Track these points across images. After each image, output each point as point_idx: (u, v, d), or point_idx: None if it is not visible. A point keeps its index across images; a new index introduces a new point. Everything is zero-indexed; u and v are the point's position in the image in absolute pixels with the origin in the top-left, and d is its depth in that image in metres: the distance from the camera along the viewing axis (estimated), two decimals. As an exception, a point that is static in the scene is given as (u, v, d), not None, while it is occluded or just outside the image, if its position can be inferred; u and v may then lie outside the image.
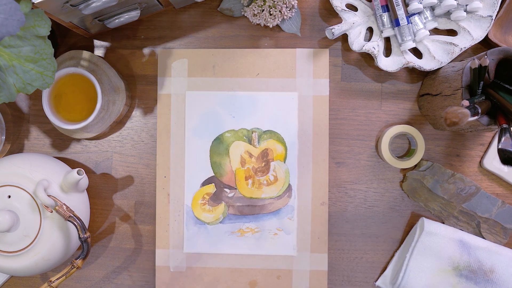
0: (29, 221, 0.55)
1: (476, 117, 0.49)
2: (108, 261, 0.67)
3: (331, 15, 0.66)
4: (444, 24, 0.62)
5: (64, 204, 0.55)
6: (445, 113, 0.47)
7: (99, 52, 0.67)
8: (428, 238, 0.61)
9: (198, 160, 0.65)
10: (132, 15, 0.60)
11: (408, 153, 0.65)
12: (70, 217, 0.54)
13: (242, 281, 0.65)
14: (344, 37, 0.65)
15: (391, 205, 0.65)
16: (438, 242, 0.61)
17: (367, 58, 0.65)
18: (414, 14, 0.61)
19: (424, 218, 0.63)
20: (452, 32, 0.63)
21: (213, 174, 0.65)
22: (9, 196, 0.55)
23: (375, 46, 0.62)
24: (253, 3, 0.63)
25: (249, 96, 0.65)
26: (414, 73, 0.65)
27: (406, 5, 0.60)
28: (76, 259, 0.55)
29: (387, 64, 0.62)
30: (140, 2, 0.58)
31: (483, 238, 0.63)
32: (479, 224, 0.62)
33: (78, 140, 0.67)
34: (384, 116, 0.66)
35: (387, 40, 0.64)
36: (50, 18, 0.49)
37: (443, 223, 0.64)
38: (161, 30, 0.67)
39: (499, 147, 0.49)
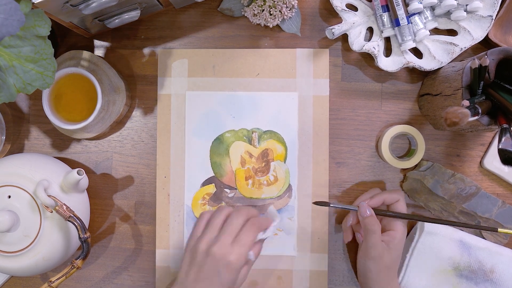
0: (29, 221, 0.55)
1: (476, 117, 0.49)
2: (108, 261, 0.67)
3: (331, 15, 0.66)
4: (444, 24, 0.62)
5: (64, 204, 0.54)
6: (445, 113, 0.47)
7: (99, 52, 0.67)
8: (428, 238, 0.61)
9: (198, 160, 0.65)
10: (132, 15, 0.60)
11: (408, 153, 0.65)
12: (70, 217, 0.54)
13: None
14: (344, 37, 0.65)
15: (391, 205, 0.65)
16: (438, 242, 0.61)
17: (367, 58, 0.65)
18: (414, 14, 0.61)
19: (424, 218, 0.63)
20: (452, 32, 0.63)
21: (213, 174, 0.65)
22: (9, 196, 0.55)
23: (375, 46, 0.62)
24: (253, 3, 0.63)
25: (249, 96, 0.65)
26: (414, 73, 0.65)
27: (406, 5, 0.60)
28: (76, 259, 0.55)
29: (387, 64, 0.62)
30: (140, 2, 0.58)
31: (484, 238, 0.63)
32: (480, 224, 0.62)
33: (78, 140, 0.67)
34: (384, 116, 0.65)
35: (387, 40, 0.64)
36: (50, 18, 0.49)
37: (444, 223, 0.64)
38: (161, 30, 0.67)
39: (500, 147, 0.49)
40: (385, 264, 0.56)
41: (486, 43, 0.63)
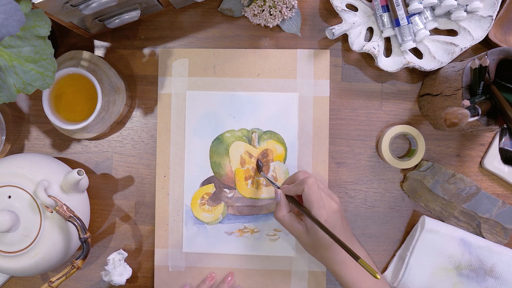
0: (29, 222, 0.55)
1: (476, 118, 0.49)
2: (108, 261, 0.67)
3: (331, 15, 0.66)
4: (444, 24, 0.62)
5: (64, 204, 0.55)
6: (444, 114, 0.47)
7: (99, 52, 0.67)
8: (429, 236, 0.61)
9: (198, 160, 0.65)
10: (132, 15, 0.60)
11: (409, 153, 0.65)
12: (70, 217, 0.54)
13: (241, 281, 0.65)
14: (344, 37, 0.65)
15: (392, 205, 0.65)
16: (439, 240, 0.61)
17: (368, 58, 0.65)
18: (414, 14, 0.61)
19: (425, 216, 0.63)
20: (452, 32, 0.63)
21: (213, 174, 0.65)
22: (9, 196, 0.56)
23: (375, 46, 0.62)
24: (253, 3, 0.63)
25: (250, 97, 0.65)
26: (414, 73, 0.65)
27: (406, 5, 0.60)
28: (76, 259, 0.55)
29: (387, 64, 0.62)
30: (140, 2, 0.58)
31: (484, 238, 0.62)
32: (480, 225, 0.62)
33: (78, 140, 0.67)
34: (384, 116, 0.65)
35: (387, 40, 0.64)
36: (50, 18, 0.49)
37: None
38: (161, 30, 0.67)
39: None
40: (305, 244, 0.58)
41: (486, 43, 0.63)
